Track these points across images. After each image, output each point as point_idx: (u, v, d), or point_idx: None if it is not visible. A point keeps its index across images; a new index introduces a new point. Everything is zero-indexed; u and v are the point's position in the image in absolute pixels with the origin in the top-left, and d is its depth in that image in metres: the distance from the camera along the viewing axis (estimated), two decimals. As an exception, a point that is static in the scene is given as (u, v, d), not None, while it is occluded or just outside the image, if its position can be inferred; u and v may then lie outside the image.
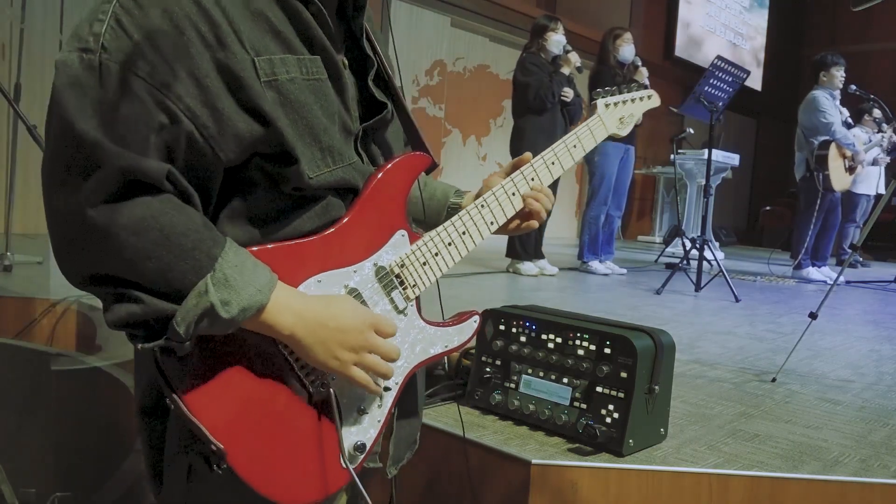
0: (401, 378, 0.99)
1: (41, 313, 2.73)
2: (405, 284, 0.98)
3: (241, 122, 0.81)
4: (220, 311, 0.77)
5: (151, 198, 0.76)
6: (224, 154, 0.81)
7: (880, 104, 6.17)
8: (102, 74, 0.75)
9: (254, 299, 0.79)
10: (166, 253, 0.75)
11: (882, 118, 6.67)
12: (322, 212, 0.90)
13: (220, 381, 0.83)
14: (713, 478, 1.47)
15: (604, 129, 1.20)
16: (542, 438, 1.59)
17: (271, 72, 0.83)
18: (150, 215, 0.75)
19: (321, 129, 0.88)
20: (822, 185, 5.65)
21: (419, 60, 7.92)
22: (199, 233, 0.78)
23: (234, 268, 0.79)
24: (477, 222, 1.06)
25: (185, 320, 0.76)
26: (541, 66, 4.89)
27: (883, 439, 1.78)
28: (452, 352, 1.04)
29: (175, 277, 0.76)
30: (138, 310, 0.76)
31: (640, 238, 10.93)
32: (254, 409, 0.85)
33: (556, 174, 1.14)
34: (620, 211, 5.62)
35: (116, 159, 0.73)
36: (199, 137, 0.79)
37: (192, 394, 0.81)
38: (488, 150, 8.99)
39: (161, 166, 0.76)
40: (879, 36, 12.49)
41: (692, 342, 2.90)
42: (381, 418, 0.97)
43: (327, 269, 0.90)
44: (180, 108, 0.77)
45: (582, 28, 8.60)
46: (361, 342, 0.88)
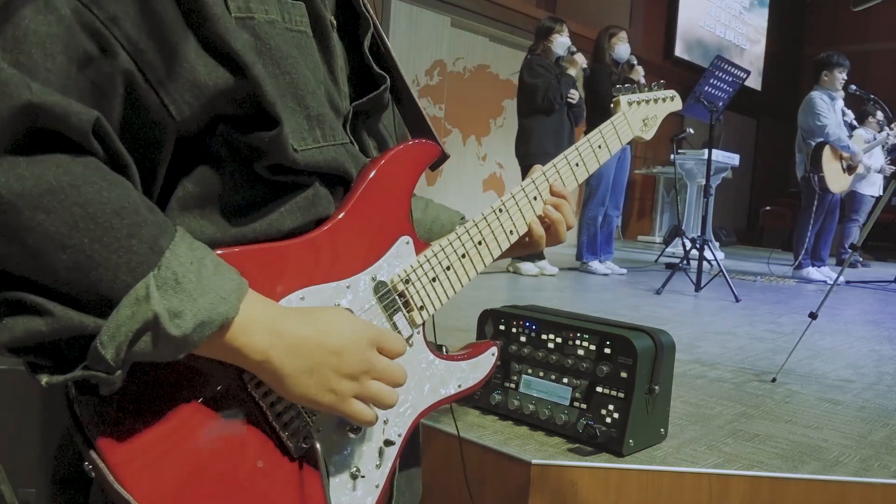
0: (405, 428, 0.77)
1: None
2: (410, 306, 0.77)
3: (201, 66, 0.59)
4: (168, 326, 0.54)
5: (70, 158, 0.53)
6: (177, 108, 0.59)
7: (881, 104, 6.17)
8: None
9: (215, 310, 0.56)
10: (89, 240, 0.52)
11: (884, 120, 6.67)
12: (306, 205, 0.69)
13: (162, 435, 0.59)
14: (713, 478, 1.47)
15: (629, 130, 1.07)
16: (542, 438, 1.59)
17: (246, 6, 0.62)
18: (69, 183, 0.52)
19: (308, 90, 0.67)
20: (819, 187, 5.66)
21: (419, 60, 7.92)
22: (139, 214, 0.55)
23: (189, 265, 0.56)
24: (495, 230, 0.87)
25: (115, 340, 0.53)
26: (548, 67, 4.91)
27: (883, 439, 1.78)
28: (467, 393, 0.86)
29: (101, 277, 0.53)
30: (43, 325, 0.52)
31: (640, 238, 10.93)
32: (209, 475, 0.61)
33: (581, 177, 0.99)
34: (618, 210, 5.63)
35: (21, 90, 0.50)
36: (140, 81, 0.57)
37: (122, 453, 0.57)
38: (488, 150, 8.99)
39: (86, 111, 0.54)
40: (879, 36, 12.49)
41: (692, 342, 2.90)
42: (381, 482, 0.75)
43: (313, 283, 0.69)
44: (115, 36, 0.55)
45: (582, 28, 8.60)
46: (363, 366, 0.66)
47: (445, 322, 0.95)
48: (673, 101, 1.18)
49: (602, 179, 5.32)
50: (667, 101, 1.16)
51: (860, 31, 12.55)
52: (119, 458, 0.57)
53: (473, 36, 8.79)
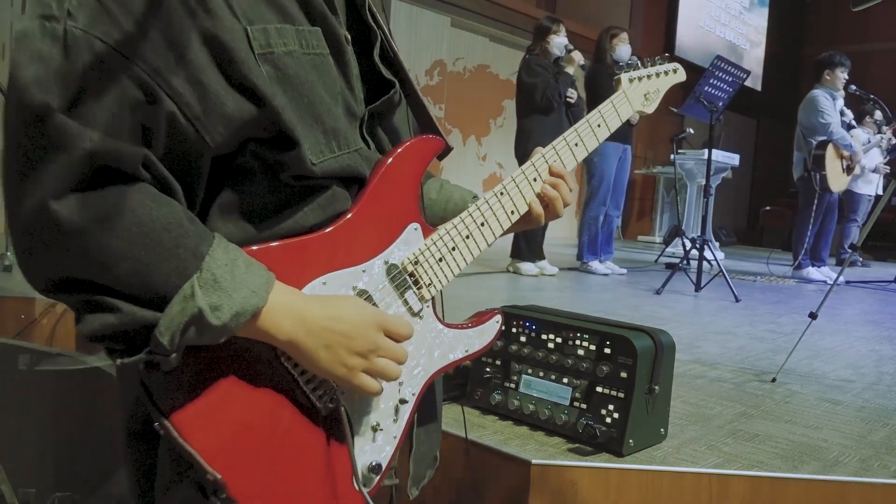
0: (418, 388, 0.89)
1: (41, 313, 2.73)
2: (420, 284, 0.88)
3: (230, 101, 0.71)
4: (210, 318, 0.67)
5: (126, 187, 0.66)
6: (211, 137, 0.71)
7: (880, 104, 6.18)
8: (68, 44, 0.64)
9: (248, 302, 0.69)
10: (145, 252, 0.66)
11: (883, 120, 6.67)
12: (326, 204, 0.80)
13: (215, 400, 0.73)
14: (713, 478, 1.47)
15: (629, 106, 1.11)
16: (542, 438, 1.59)
17: (266, 43, 0.73)
18: (125, 207, 0.65)
19: (324, 109, 0.78)
20: (819, 186, 5.65)
21: (419, 60, 7.93)
22: (182, 227, 0.68)
23: (224, 267, 0.69)
24: (496, 212, 0.96)
25: (170, 329, 0.66)
26: (546, 67, 4.92)
27: (883, 439, 1.78)
28: (474, 356, 0.95)
29: (156, 280, 0.66)
30: (114, 319, 0.66)
31: (640, 238, 10.93)
32: (255, 429, 0.76)
33: (580, 156, 1.04)
34: (619, 210, 5.63)
35: (83, 141, 0.63)
36: (181, 118, 0.69)
37: (184, 416, 0.70)
38: (488, 150, 8.99)
39: (136, 150, 0.66)
40: (879, 36, 12.49)
41: (692, 342, 2.90)
42: (398, 434, 0.87)
43: (333, 270, 0.80)
44: (159, 84, 0.67)
45: (582, 28, 8.60)
46: (370, 345, 0.78)
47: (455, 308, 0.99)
48: (676, 73, 1.20)
49: (603, 179, 5.32)
50: (669, 74, 1.18)
51: (860, 31, 12.55)
52: (182, 420, 0.70)
53: (473, 36, 8.79)
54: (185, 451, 0.70)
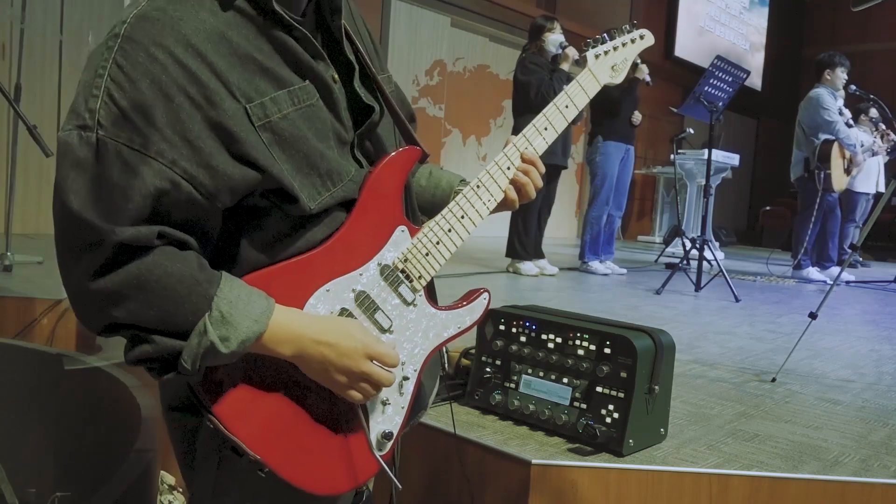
0: (419, 365, 1.02)
1: (41, 313, 2.73)
2: (411, 277, 1.00)
3: (237, 174, 0.85)
4: (220, 348, 0.83)
5: (145, 256, 0.82)
6: (221, 203, 0.86)
7: (880, 104, 6.17)
8: (100, 151, 0.79)
9: (251, 330, 0.84)
10: (164, 302, 0.82)
11: (878, 118, 6.66)
12: (330, 222, 0.94)
13: (249, 396, 0.89)
14: (713, 478, 1.47)
15: (595, 82, 1.15)
16: (542, 438, 1.59)
17: (264, 115, 0.87)
18: (147, 270, 0.81)
19: (318, 156, 0.91)
20: (822, 185, 5.65)
21: (419, 60, 7.92)
22: (193, 277, 0.83)
23: (230, 304, 0.84)
24: (474, 203, 1.05)
25: (191, 357, 0.83)
26: (541, 65, 4.91)
27: (883, 439, 1.78)
28: (466, 330, 1.06)
29: (177, 322, 0.82)
30: (150, 349, 0.83)
31: (640, 238, 10.93)
32: (283, 415, 0.91)
33: (550, 139, 1.11)
34: (621, 211, 5.63)
35: (111, 236, 0.79)
36: (198, 196, 0.83)
37: (228, 413, 0.87)
38: (488, 150, 8.99)
39: (151, 230, 0.81)
40: (879, 36, 12.49)
41: (692, 342, 2.90)
42: (405, 405, 1.01)
43: (334, 277, 0.94)
44: (177, 173, 0.81)
45: (582, 28, 8.60)
46: (356, 370, 0.91)
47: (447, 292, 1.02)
48: (643, 39, 1.22)
49: (606, 179, 5.32)
50: (636, 42, 1.20)
51: (860, 31, 12.55)
52: (226, 415, 0.87)
53: (473, 36, 8.79)
54: (230, 439, 0.87)
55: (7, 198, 3.58)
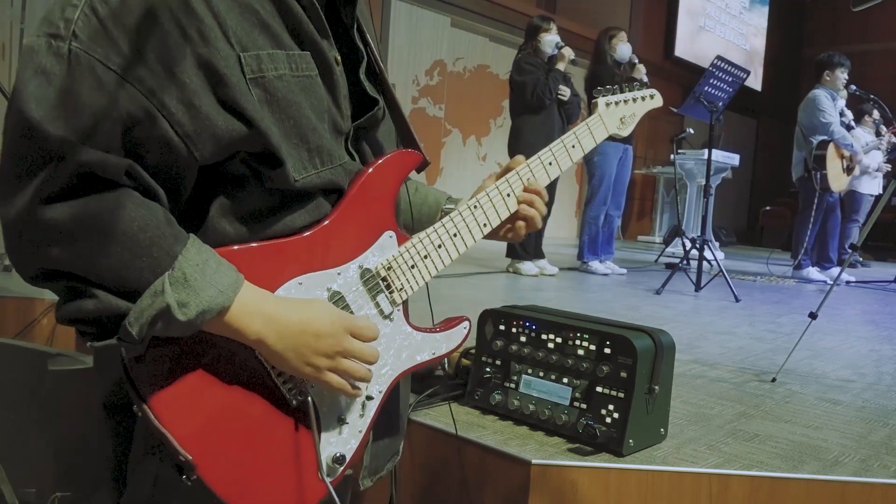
0: (385, 386, 0.94)
1: (41, 313, 2.73)
2: (392, 288, 0.93)
3: (220, 121, 0.77)
4: (177, 314, 0.72)
5: (108, 192, 0.72)
6: (200, 153, 0.77)
7: (880, 104, 6.18)
8: (71, 63, 0.70)
9: (214, 301, 0.74)
10: (121, 249, 0.71)
11: (881, 119, 6.67)
12: (313, 208, 0.87)
13: (191, 388, 0.78)
14: (713, 478, 1.47)
15: (604, 129, 1.16)
16: (542, 438, 1.59)
17: (258, 68, 0.79)
18: (107, 209, 0.71)
19: (310, 128, 0.84)
20: (820, 185, 5.65)
21: (419, 60, 7.92)
22: (158, 228, 0.74)
23: (196, 267, 0.74)
24: (469, 224, 1.01)
25: (139, 321, 0.72)
26: (537, 65, 4.91)
27: (883, 439, 1.78)
28: (439, 359, 0.99)
29: (131, 275, 0.72)
30: (91, 306, 0.72)
31: (640, 238, 10.93)
32: (227, 417, 0.81)
33: (554, 175, 1.10)
34: (620, 210, 5.63)
35: (74, 153, 0.69)
36: (173, 135, 0.75)
37: (162, 401, 0.76)
38: (488, 150, 8.99)
39: (121, 162, 0.72)
40: (879, 36, 12.49)
41: (692, 342, 2.90)
42: (363, 428, 0.92)
43: (309, 271, 0.86)
44: (154, 104, 0.73)
45: (581, 28, 8.61)
46: (336, 347, 0.83)
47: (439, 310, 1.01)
48: (653, 98, 1.24)
49: (604, 179, 5.32)
50: (646, 100, 1.22)
51: (860, 31, 12.55)
52: (159, 405, 0.76)
53: (473, 36, 8.79)
54: (159, 432, 0.76)
55: (7, 198, 3.58)
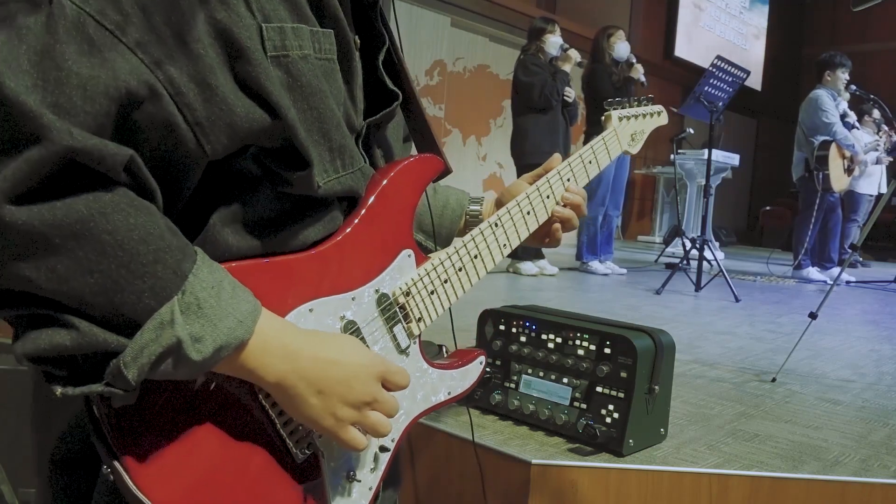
0: (398, 434, 0.81)
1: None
2: (409, 318, 0.80)
3: (239, 107, 0.61)
4: (190, 351, 0.56)
5: (102, 192, 0.55)
6: (211, 146, 0.61)
7: (880, 104, 6.17)
8: (53, 15, 0.53)
9: (233, 334, 0.59)
10: (116, 266, 0.54)
11: (882, 119, 6.67)
12: (329, 220, 0.73)
13: (177, 443, 0.62)
14: (713, 478, 1.47)
15: (618, 144, 1.11)
16: (542, 438, 1.59)
17: (281, 44, 0.64)
18: (98, 211, 0.54)
19: (333, 123, 0.69)
20: (822, 185, 5.65)
21: (419, 60, 7.92)
22: (163, 240, 0.57)
23: (210, 290, 0.58)
24: (490, 245, 0.92)
25: (138, 361, 0.55)
26: (542, 66, 4.92)
27: (883, 439, 1.78)
28: (456, 399, 0.88)
29: (126, 300, 0.55)
30: (68, 340, 0.54)
31: (640, 238, 10.93)
32: (221, 478, 0.65)
33: None
34: (618, 210, 5.63)
35: (61, 135, 0.52)
36: (181, 121, 0.59)
37: (139, 459, 0.60)
38: (488, 149, 8.99)
39: (120, 152, 0.56)
40: (879, 36, 12.48)
41: (692, 342, 2.90)
42: (374, 485, 0.79)
43: (321, 295, 0.72)
44: (160, 79, 0.57)
45: (581, 28, 8.60)
46: (368, 397, 0.69)
47: (445, 322, 0.93)
48: (660, 116, 1.20)
49: (602, 179, 5.31)
50: (654, 117, 1.19)
51: (860, 31, 12.55)
52: (138, 466, 0.60)
53: (473, 36, 8.78)
54: (135, 499, 0.60)
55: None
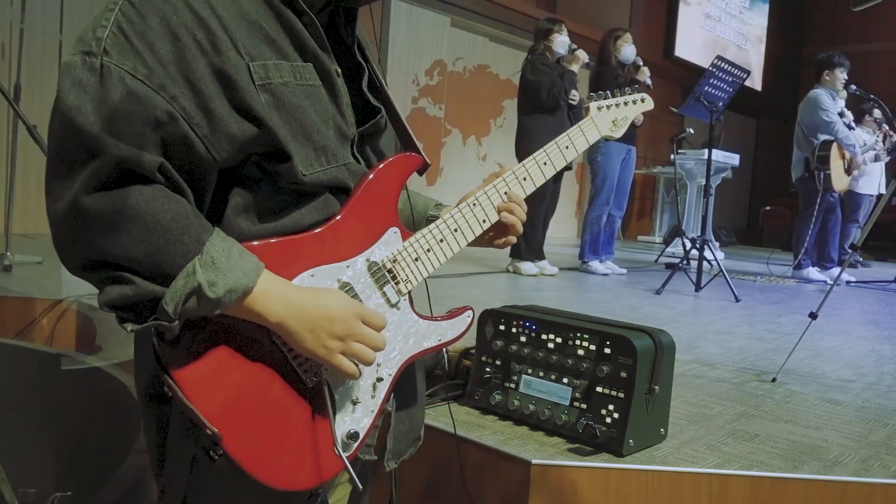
0: (394, 370, 1.01)
1: (41, 313, 2.73)
2: (398, 279, 1.00)
3: (233, 123, 0.86)
4: (207, 291, 0.81)
5: (144, 186, 0.81)
6: (217, 153, 0.86)
7: (880, 104, 6.17)
8: (103, 75, 0.80)
9: (240, 282, 0.83)
10: (157, 237, 0.80)
11: (882, 119, 6.67)
12: (321, 207, 0.94)
13: (216, 368, 0.86)
14: (713, 478, 1.47)
15: (596, 131, 1.24)
16: (542, 438, 1.59)
17: (265, 76, 0.88)
18: (143, 201, 0.80)
19: (314, 129, 0.92)
20: (822, 185, 5.65)
21: (419, 60, 7.92)
22: (188, 219, 0.83)
23: (221, 252, 0.83)
24: (469, 220, 1.08)
25: (174, 300, 0.80)
26: (550, 66, 4.92)
27: (883, 439, 1.78)
28: (446, 345, 1.06)
29: (165, 260, 0.81)
30: (129, 291, 0.80)
31: (640, 238, 10.93)
32: (249, 395, 0.88)
33: (549, 174, 1.17)
34: (622, 211, 5.63)
35: (113, 149, 0.79)
36: (193, 136, 0.84)
37: (189, 380, 0.84)
38: (488, 150, 8.99)
39: (155, 158, 0.82)
40: (879, 36, 12.48)
41: (692, 342, 2.90)
42: (375, 408, 0.99)
43: (321, 264, 0.94)
44: (176, 108, 0.82)
45: (582, 28, 8.60)
46: (348, 330, 0.90)
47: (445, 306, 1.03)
48: (644, 102, 1.32)
49: (607, 180, 5.32)
50: (637, 103, 1.30)
51: (860, 31, 12.55)
52: (187, 383, 0.84)
53: (473, 36, 8.78)
54: (187, 408, 0.84)
55: (7, 198, 3.58)
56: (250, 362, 0.88)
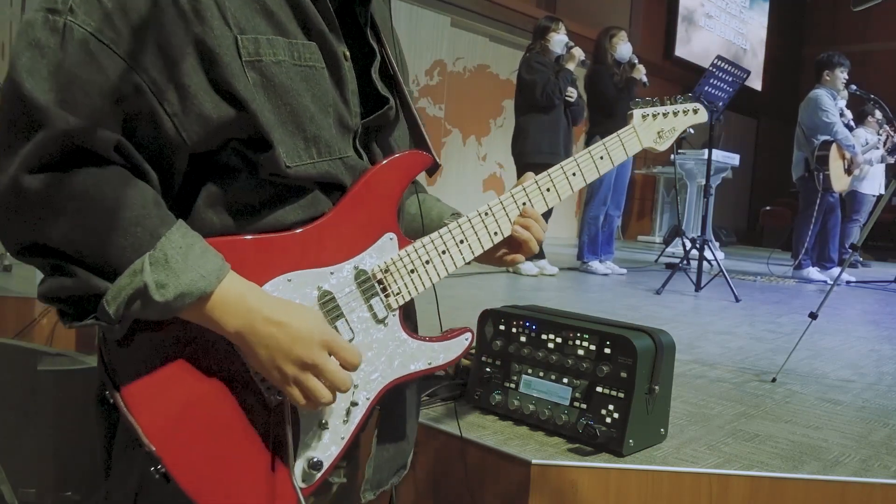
0: (373, 394, 0.89)
1: (41, 313, 2.73)
2: (388, 292, 0.89)
3: (208, 102, 0.75)
4: (154, 294, 0.71)
5: (97, 168, 0.72)
6: (188, 134, 0.76)
7: (880, 104, 6.17)
8: (65, 37, 0.70)
9: (195, 285, 0.72)
10: (105, 227, 0.71)
11: (883, 119, 6.67)
12: (307, 205, 0.84)
13: (165, 377, 0.76)
14: (713, 478, 1.47)
15: (637, 142, 1.08)
16: (542, 438, 1.59)
17: (255, 52, 0.77)
18: (92, 183, 0.71)
19: (307, 117, 0.82)
20: (822, 185, 5.65)
21: (419, 60, 7.92)
22: (144, 208, 0.73)
23: (178, 249, 0.73)
24: (478, 231, 0.96)
25: (116, 300, 0.71)
26: (546, 64, 4.92)
27: (883, 439, 1.78)
28: (436, 369, 0.94)
29: (112, 253, 0.71)
30: (70, 284, 0.72)
31: (640, 238, 10.93)
32: (201, 412, 0.78)
33: (577, 187, 1.03)
34: (620, 210, 5.63)
35: (60, 123, 0.69)
36: (162, 113, 0.74)
37: (133, 388, 0.75)
38: (488, 150, 8.99)
39: (111, 136, 0.72)
40: (879, 36, 12.49)
41: (692, 342, 2.90)
42: (346, 435, 0.87)
43: (301, 268, 0.83)
44: (144, 80, 0.72)
45: (581, 28, 8.60)
46: (308, 358, 0.78)
47: (445, 323, 0.98)
48: (696, 113, 1.16)
49: (604, 179, 5.31)
50: (688, 114, 1.14)
51: (860, 31, 12.55)
52: (130, 391, 0.75)
53: (473, 36, 8.79)
54: (127, 420, 0.75)
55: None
56: (208, 373, 0.78)
